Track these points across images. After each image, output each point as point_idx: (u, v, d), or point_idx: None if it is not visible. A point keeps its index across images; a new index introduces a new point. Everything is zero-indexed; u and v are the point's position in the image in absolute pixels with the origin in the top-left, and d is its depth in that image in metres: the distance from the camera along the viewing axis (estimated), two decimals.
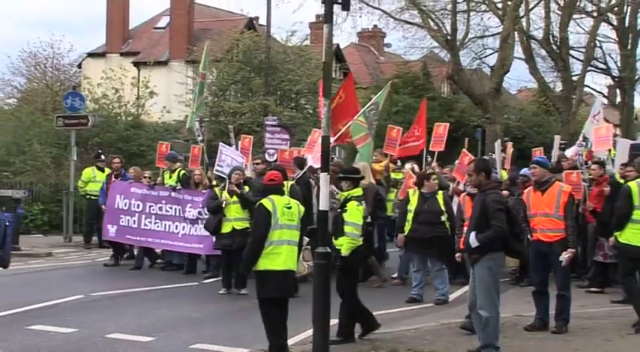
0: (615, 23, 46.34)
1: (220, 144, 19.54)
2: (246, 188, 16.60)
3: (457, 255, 13.36)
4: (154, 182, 20.13)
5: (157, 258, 20.40)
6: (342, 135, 19.21)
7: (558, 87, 45.47)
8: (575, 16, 44.10)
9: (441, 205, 15.97)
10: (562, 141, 32.23)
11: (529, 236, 12.96)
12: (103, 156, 23.19)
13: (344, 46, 53.90)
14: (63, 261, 20.59)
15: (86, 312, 14.87)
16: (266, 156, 21.39)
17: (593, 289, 16.75)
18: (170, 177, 20.21)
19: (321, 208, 11.44)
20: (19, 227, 23.80)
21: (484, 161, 12.70)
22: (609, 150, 20.02)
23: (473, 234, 10.81)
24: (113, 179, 21.07)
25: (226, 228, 16.57)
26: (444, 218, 15.83)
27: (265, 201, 11.03)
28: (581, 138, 20.86)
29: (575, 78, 44.70)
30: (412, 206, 16.08)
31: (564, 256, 12.25)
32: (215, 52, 40.38)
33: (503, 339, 11.28)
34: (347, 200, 12.42)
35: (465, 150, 20.72)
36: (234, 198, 16.54)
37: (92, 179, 22.65)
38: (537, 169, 13.14)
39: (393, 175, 20.73)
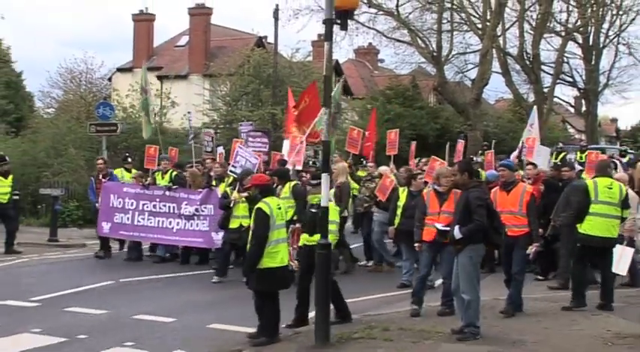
0: (581, 42, 46.43)
1: (238, 145, 19.43)
2: None
3: (416, 245, 13.35)
4: (148, 182, 19.67)
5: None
6: (312, 134, 19.20)
7: (531, 97, 45.42)
8: (545, 36, 44.13)
9: None
10: None
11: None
12: (129, 159, 23.03)
13: (342, 62, 53.86)
14: (95, 251, 20.52)
15: (116, 296, 14.92)
16: None
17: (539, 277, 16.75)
18: (162, 177, 19.88)
19: (322, 205, 11.44)
20: (57, 221, 23.84)
21: (468, 163, 12.74)
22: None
23: (457, 227, 10.89)
24: (101, 179, 20.45)
25: (234, 224, 16.37)
26: None
27: (263, 205, 10.98)
28: (520, 144, 20.93)
29: (545, 90, 44.76)
30: (401, 202, 16.01)
31: (531, 249, 12.22)
32: (229, 67, 40.53)
33: (483, 320, 11.31)
34: None
35: (433, 156, 20.70)
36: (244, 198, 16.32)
37: (120, 179, 22.54)
38: (506, 171, 13.17)
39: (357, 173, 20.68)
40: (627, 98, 74.32)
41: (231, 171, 17.80)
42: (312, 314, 11.41)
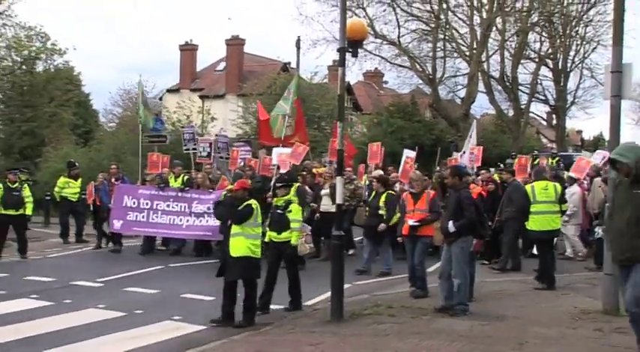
0: (551, 66, 46.31)
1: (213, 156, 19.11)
2: None
3: (399, 238, 13.26)
4: (163, 184, 18.89)
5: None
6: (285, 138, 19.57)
7: (510, 113, 45.34)
8: (522, 61, 44.06)
9: (380, 202, 15.49)
10: (512, 153, 32.18)
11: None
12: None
13: (353, 83, 53.88)
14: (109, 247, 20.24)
15: (165, 278, 14.97)
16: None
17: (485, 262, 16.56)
18: (175, 180, 19.21)
19: (337, 202, 11.42)
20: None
21: (458, 168, 12.60)
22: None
23: (451, 222, 10.83)
24: (114, 182, 19.88)
25: None
26: (381, 211, 15.45)
27: (253, 203, 10.76)
28: (462, 152, 20.81)
29: (522, 106, 44.68)
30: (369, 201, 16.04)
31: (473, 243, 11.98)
32: (259, 88, 40.56)
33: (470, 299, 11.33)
34: (289, 202, 11.81)
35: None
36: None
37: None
38: None
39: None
40: (590, 114, 74.84)
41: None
42: (327, 295, 11.38)
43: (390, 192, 15.88)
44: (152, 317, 11.09)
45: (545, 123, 57.37)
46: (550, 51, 45.07)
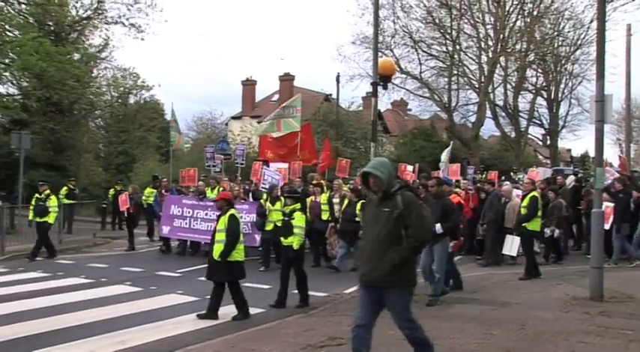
0: (545, 96, 46.09)
1: (263, 168, 18.65)
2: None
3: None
4: (203, 195, 17.94)
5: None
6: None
7: (512, 134, 45.02)
8: (522, 92, 43.85)
9: (356, 210, 14.48)
10: (514, 168, 31.87)
11: None
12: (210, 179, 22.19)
13: (383, 111, 53.82)
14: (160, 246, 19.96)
15: None
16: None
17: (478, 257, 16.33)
18: (212, 191, 18.36)
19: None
20: None
21: (440, 178, 12.10)
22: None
23: (438, 225, 10.37)
24: (164, 193, 19.49)
25: (269, 227, 15.09)
26: (357, 218, 14.46)
27: (235, 212, 10.19)
28: (444, 165, 20.58)
29: (522, 129, 44.36)
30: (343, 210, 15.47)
31: (450, 244, 11.58)
32: (306, 115, 40.72)
33: (480, 288, 11.20)
34: (293, 211, 10.98)
35: (406, 172, 19.97)
36: (276, 206, 14.96)
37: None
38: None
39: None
40: (578, 135, 74.54)
41: (263, 188, 16.93)
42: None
43: (363, 201, 15.53)
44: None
45: (540, 143, 56.67)
46: (544, 84, 45.02)
